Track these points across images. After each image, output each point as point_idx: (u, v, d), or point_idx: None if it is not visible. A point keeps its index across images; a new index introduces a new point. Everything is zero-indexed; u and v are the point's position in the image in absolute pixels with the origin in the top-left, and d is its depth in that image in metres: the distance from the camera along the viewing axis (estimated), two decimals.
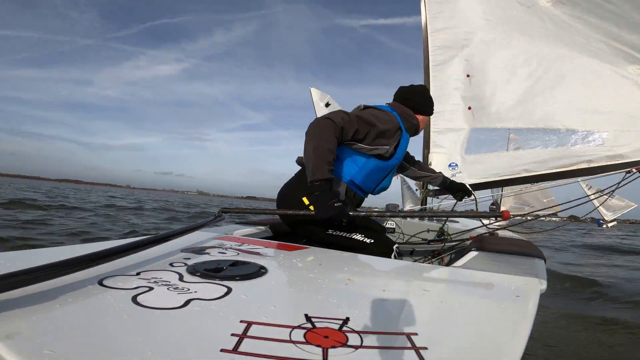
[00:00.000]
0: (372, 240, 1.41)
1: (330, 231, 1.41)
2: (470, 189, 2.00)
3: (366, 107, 1.50)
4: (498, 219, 1.34)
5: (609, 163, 2.16)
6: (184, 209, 16.34)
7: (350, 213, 1.33)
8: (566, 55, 2.30)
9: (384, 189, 1.64)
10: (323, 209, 1.27)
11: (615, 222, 2.52)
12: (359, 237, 1.40)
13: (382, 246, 1.41)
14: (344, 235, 1.41)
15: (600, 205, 2.12)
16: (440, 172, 2.07)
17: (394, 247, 1.43)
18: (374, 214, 1.37)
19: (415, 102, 1.62)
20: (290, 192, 1.51)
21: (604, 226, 2.15)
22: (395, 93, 1.68)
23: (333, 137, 1.32)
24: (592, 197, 2.08)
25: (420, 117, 1.63)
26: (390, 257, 1.41)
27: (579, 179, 2.29)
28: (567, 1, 2.21)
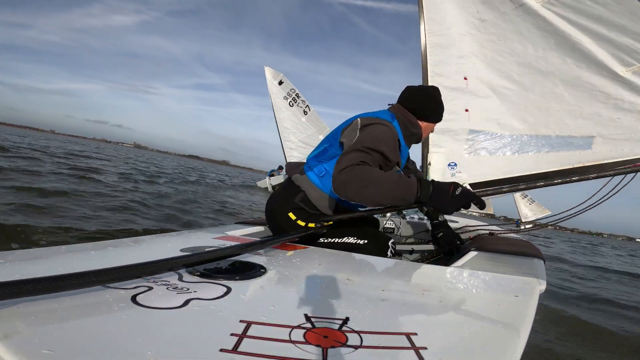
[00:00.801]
0: (366, 241, 1.37)
1: (321, 239, 1.38)
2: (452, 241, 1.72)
3: (364, 126, 1.27)
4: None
5: (601, 162, 2.18)
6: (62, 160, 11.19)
7: (475, 192, 1.20)
8: (557, 59, 2.33)
9: None
10: (447, 205, 1.15)
11: (531, 225, 2.71)
12: (351, 240, 1.37)
13: (377, 244, 1.38)
14: (335, 241, 1.37)
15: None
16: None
17: (390, 242, 1.40)
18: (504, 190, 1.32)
19: (421, 106, 1.42)
20: (277, 207, 1.43)
21: (522, 226, 2.24)
22: (401, 92, 1.49)
23: (374, 171, 1.14)
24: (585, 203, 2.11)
25: (424, 125, 1.45)
26: (387, 254, 1.39)
27: (573, 178, 2.32)
28: (556, 2, 2.23)
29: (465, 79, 2.70)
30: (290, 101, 12.39)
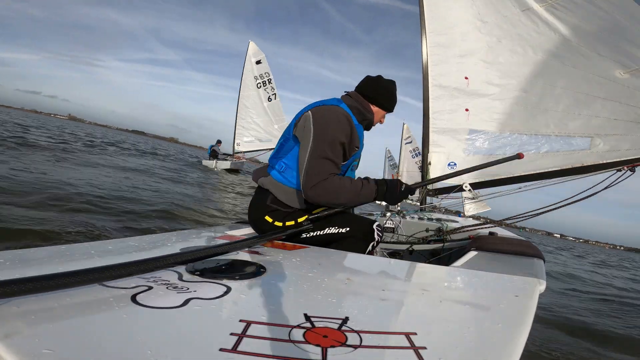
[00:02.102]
0: (348, 228, 1.37)
1: (304, 235, 1.37)
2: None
3: (316, 119, 1.31)
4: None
5: (599, 162, 2.19)
6: None
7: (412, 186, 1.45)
8: (557, 61, 2.34)
9: None
10: (394, 200, 1.38)
11: (471, 218, 2.91)
12: (333, 230, 1.37)
13: (360, 230, 1.37)
14: (317, 234, 1.37)
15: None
16: None
17: (374, 225, 1.39)
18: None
19: (373, 90, 1.48)
20: (254, 214, 1.44)
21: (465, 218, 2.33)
22: (360, 81, 1.54)
23: (341, 183, 1.29)
24: (566, 202, 2.14)
25: (375, 109, 1.50)
26: (373, 237, 1.38)
27: (571, 177, 2.32)
28: (559, 6, 2.24)
29: (466, 78, 2.71)
30: (260, 83, 12.36)
